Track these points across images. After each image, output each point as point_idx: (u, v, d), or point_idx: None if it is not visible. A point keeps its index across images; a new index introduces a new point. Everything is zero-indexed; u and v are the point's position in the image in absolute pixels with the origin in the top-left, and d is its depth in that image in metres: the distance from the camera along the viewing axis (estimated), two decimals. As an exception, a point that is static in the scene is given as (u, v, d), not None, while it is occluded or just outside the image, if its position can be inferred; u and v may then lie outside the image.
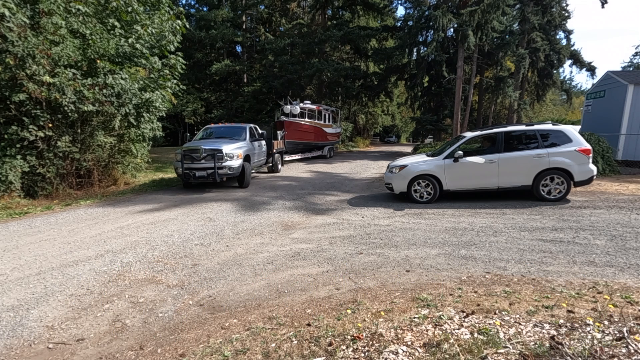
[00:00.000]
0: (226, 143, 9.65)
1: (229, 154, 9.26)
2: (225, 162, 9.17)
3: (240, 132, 11.15)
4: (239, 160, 9.49)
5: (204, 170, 9.14)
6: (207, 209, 7.47)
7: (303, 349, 2.55)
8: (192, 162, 9.17)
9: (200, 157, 9.14)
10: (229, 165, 9.21)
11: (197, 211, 7.25)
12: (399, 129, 62.26)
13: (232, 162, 9.31)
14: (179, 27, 10.29)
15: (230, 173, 9.32)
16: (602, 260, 4.17)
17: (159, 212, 7.24)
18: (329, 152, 21.44)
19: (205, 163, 9.13)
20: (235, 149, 9.55)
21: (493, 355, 2.29)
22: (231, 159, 9.29)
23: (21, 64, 7.15)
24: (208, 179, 9.17)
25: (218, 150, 9.10)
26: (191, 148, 9.25)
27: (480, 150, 7.82)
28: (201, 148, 9.11)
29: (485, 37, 19.45)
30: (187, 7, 33.35)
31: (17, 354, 2.68)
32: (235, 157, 9.38)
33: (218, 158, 9.07)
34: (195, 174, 9.16)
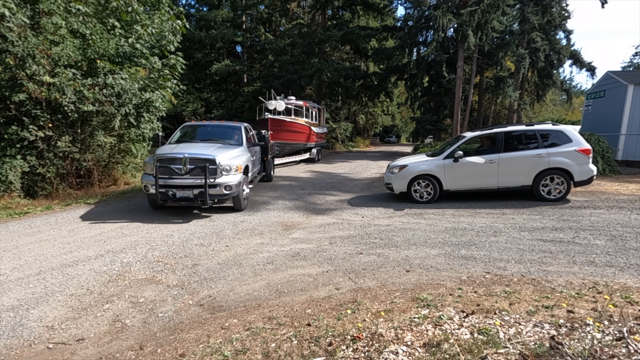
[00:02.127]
0: (220, 150, 6.94)
1: (225, 165, 6.49)
2: (221, 177, 6.41)
3: (233, 133, 8.16)
4: (239, 175, 6.71)
5: (189, 189, 6.33)
6: (207, 208, 7.47)
7: (303, 349, 2.55)
8: (171, 176, 6.40)
9: (183, 170, 6.36)
10: (226, 183, 6.42)
11: (197, 211, 7.25)
12: (399, 129, 62.24)
13: (229, 177, 6.51)
14: (179, 27, 10.28)
15: (227, 193, 6.51)
16: (602, 260, 4.17)
17: (159, 211, 7.24)
18: (317, 155, 18.79)
19: (191, 179, 6.37)
20: (233, 159, 6.81)
21: (493, 355, 2.29)
22: (228, 172, 6.51)
23: (21, 64, 7.15)
24: (194, 202, 6.30)
25: (210, 161, 6.34)
26: (170, 156, 6.48)
27: (480, 150, 7.83)
28: (185, 157, 6.36)
29: (485, 37, 19.45)
30: (187, 7, 33.37)
31: (17, 354, 2.68)
32: (233, 170, 6.61)
33: (210, 172, 6.30)
34: (176, 194, 6.30)
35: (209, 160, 6.38)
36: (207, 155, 6.44)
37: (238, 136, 8.11)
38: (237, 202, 7.08)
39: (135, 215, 6.92)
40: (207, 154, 6.51)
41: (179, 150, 6.64)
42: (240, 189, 6.86)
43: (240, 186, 6.83)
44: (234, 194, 6.70)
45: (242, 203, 7.16)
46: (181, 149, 6.85)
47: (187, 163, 6.41)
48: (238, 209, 7.17)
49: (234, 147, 7.47)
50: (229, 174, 6.57)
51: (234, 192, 6.67)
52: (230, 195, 6.69)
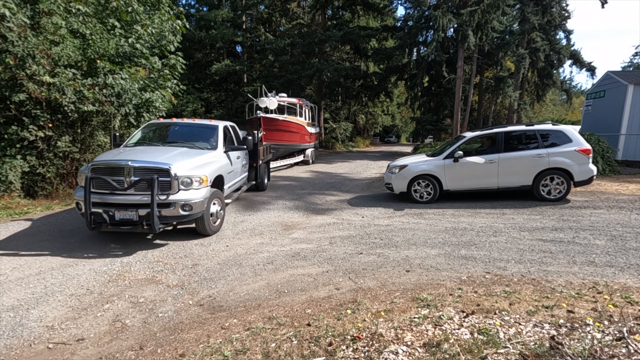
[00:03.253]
0: (181, 156, 5.34)
1: (183, 177, 4.90)
2: (177, 193, 4.83)
3: (207, 134, 6.54)
4: (203, 190, 5.12)
5: (133, 209, 4.72)
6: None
7: (303, 349, 2.55)
8: (111, 192, 4.80)
9: (125, 183, 4.75)
10: (184, 201, 4.82)
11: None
12: (399, 129, 62.25)
13: (189, 193, 4.92)
14: (179, 27, 10.29)
15: (185, 215, 4.89)
16: (602, 260, 4.17)
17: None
18: (312, 157, 17.38)
19: (136, 195, 4.77)
20: (196, 168, 5.20)
21: (493, 355, 2.29)
22: (188, 186, 4.94)
23: (21, 64, 7.15)
24: (138, 226, 4.71)
25: (161, 171, 4.77)
26: (110, 164, 4.88)
27: (480, 150, 7.83)
28: (128, 165, 4.75)
29: (485, 37, 19.45)
30: (187, 7, 33.34)
31: (17, 354, 2.68)
32: (196, 183, 5.02)
33: (162, 186, 4.76)
34: (115, 216, 4.74)
35: (159, 171, 4.74)
36: (158, 164, 4.79)
37: (213, 138, 6.40)
38: (202, 225, 5.28)
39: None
40: (159, 161, 4.85)
41: (123, 157, 4.97)
42: (207, 207, 5.20)
43: (206, 204, 5.16)
44: (195, 215, 4.98)
45: (208, 225, 5.37)
46: (127, 154, 5.19)
47: (132, 174, 4.73)
48: (203, 234, 5.43)
49: (204, 152, 5.82)
50: (189, 189, 4.93)
51: (196, 212, 4.97)
52: (191, 217, 4.97)
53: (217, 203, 5.63)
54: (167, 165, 4.83)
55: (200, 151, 5.88)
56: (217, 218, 5.66)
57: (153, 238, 5.45)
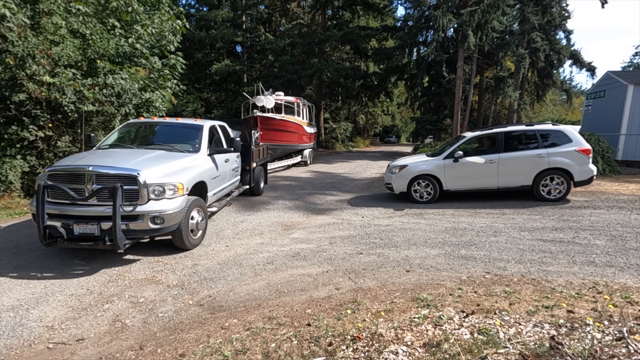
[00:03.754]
0: (154, 160, 4.72)
1: (154, 185, 4.29)
2: (146, 203, 4.23)
3: (189, 135, 5.93)
4: (179, 199, 4.51)
5: (95, 221, 4.11)
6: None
7: (303, 349, 2.55)
8: (72, 202, 4.18)
9: (85, 192, 4.18)
10: (155, 212, 4.23)
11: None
12: (399, 129, 62.27)
13: (161, 203, 4.32)
14: (179, 27, 10.28)
15: (156, 228, 4.29)
16: (602, 261, 4.17)
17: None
18: (309, 158, 16.88)
19: (98, 206, 4.16)
20: (171, 174, 4.57)
21: (493, 355, 2.29)
22: (160, 196, 4.33)
23: (21, 64, 7.15)
24: (100, 242, 4.06)
25: (127, 178, 4.19)
26: (67, 170, 4.32)
27: (480, 150, 7.83)
28: (88, 171, 4.19)
29: (485, 37, 19.46)
30: (187, 7, 33.33)
31: (17, 354, 2.68)
32: (169, 191, 4.40)
33: (128, 195, 4.18)
34: (74, 230, 4.12)
35: (125, 178, 4.16)
36: (124, 170, 4.19)
37: (196, 140, 5.77)
38: (179, 238, 4.65)
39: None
40: (126, 167, 4.26)
41: (85, 162, 4.39)
42: (184, 218, 4.58)
43: (184, 215, 4.55)
44: (169, 228, 4.38)
45: (187, 239, 4.72)
46: (92, 158, 4.60)
47: (94, 181, 4.16)
48: (181, 248, 4.80)
49: (183, 156, 5.20)
50: (161, 198, 4.29)
51: (170, 225, 4.36)
52: (164, 231, 4.38)
53: (198, 213, 4.97)
54: (135, 171, 4.20)
55: (179, 154, 5.27)
56: (197, 230, 5.00)
57: (125, 252, 4.64)
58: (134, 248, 4.89)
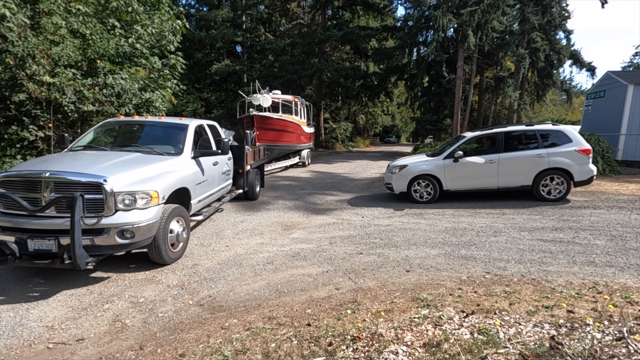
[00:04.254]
0: (123, 165, 4.18)
1: (124, 193, 3.76)
2: (113, 215, 3.69)
3: (173, 136, 5.41)
4: (154, 209, 3.98)
5: (52, 236, 3.56)
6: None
7: (303, 349, 2.55)
8: (26, 213, 3.65)
9: (41, 201, 3.65)
10: (124, 225, 3.71)
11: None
12: (399, 129, 62.29)
13: (132, 214, 3.79)
14: (179, 27, 10.28)
15: (125, 243, 3.77)
16: (602, 261, 4.17)
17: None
18: (308, 158, 16.31)
19: (56, 219, 3.63)
20: (144, 181, 4.02)
21: (493, 355, 2.29)
22: (130, 206, 3.80)
23: (21, 64, 7.15)
24: (58, 260, 3.48)
25: (90, 186, 3.67)
26: (21, 176, 3.79)
27: (480, 150, 7.83)
28: (46, 177, 3.65)
29: (485, 37, 19.46)
30: (187, 7, 33.33)
31: (17, 354, 2.68)
32: (141, 200, 3.87)
33: (91, 205, 3.65)
34: (28, 246, 3.56)
35: (88, 185, 3.62)
36: (87, 176, 3.66)
37: (179, 141, 5.22)
38: (156, 252, 4.15)
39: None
40: (90, 172, 3.73)
41: (43, 167, 3.86)
42: (162, 230, 4.06)
43: (160, 226, 4.05)
44: (141, 242, 3.85)
45: (165, 253, 4.20)
46: (52, 162, 4.16)
47: (52, 189, 3.62)
48: (159, 262, 4.29)
49: (161, 159, 4.63)
50: (131, 208, 3.76)
51: (142, 239, 3.84)
52: (136, 246, 3.85)
53: (179, 223, 4.46)
54: (100, 177, 3.64)
55: (158, 158, 4.68)
56: (178, 242, 4.46)
57: (95, 267, 3.99)
58: (108, 262, 4.35)
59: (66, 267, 3.45)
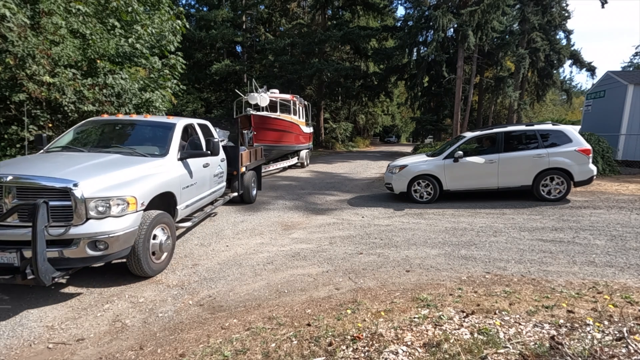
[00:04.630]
0: (97, 168, 3.80)
1: (95, 199, 3.36)
2: (84, 224, 3.29)
3: (158, 136, 5.09)
4: (130, 216, 3.58)
5: (12, 249, 3.15)
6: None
7: (303, 349, 2.55)
8: None
9: (2, 209, 3.29)
10: (97, 235, 3.32)
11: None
12: (399, 129, 62.29)
13: (104, 222, 3.39)
14: (179, 27, 10.28)
15: (98, 255, 3.38)
16: (602, 261, 4.17)
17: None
18: (306, 159, 15.93)
19: (18, 228, 3.26)
20: (119, 185, 3.64)
21: (493, 355, 2.29)
22: (103, 213, 3.40)
23: (21, 64, 7.15)
24: (17, 277, 3.05)
25: (57, 190, 3.28)
26: None
27: (480, 150, 7.83)
28: (6, 182, 3.25)
29: (485, 37, 19.47)
30: (187, 7, 33.34)
31: (17, 354, 2.68)
32: (117, 207, 3.48)
33: (58, 213, 3.28)
34: None
35: (54, 190, 3.26)
36: (53, 181, 3.28)
37: (165, 141, 4.84)
38: (136, 264, 3.75)
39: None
40: (57, 177, 3.34)
41: (5, 170, 3.50)
42: (142, 239, 3.70)
43: (142, 235, 3.70)
44: (117, 253, 3.49)
45: (146, 264, 3.81)
46: (16, 165, 3.84)
47: (14, 195, 3.28)
48: (139, 275, 3.90)
49: (143, 161, 4.27)
50: (104, 216, 3.37)
51: (119, 250, 3.47)
52: (112, 257, 3.48)
53: (163, 231, 4.10)
54: (69, 182, 3.25)
55: (139, 159, 4.31)
56: (162, 252, 4.08)
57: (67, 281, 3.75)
58: (84, 275, 3.95)
59: (29, 282, 3.05)
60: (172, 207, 4.51)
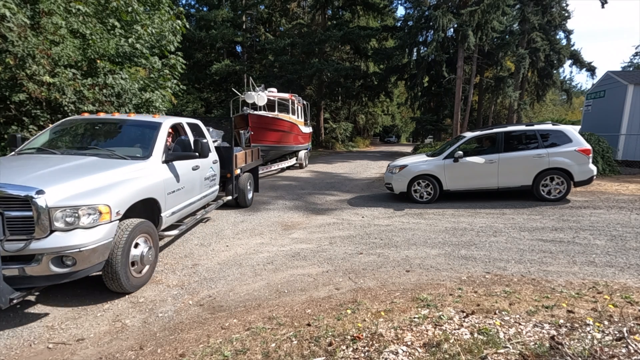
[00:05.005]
0: (65, 173, 3.39)
1: (61, 208, 2.97)
2: (47, 237, 2.92)
3: (141, 136, 4.74)
4: (103, 227, 3.18)
5: None
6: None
7: (303, 349, 2.55)
8: None
9: None
10: (63, 249, 2.93)
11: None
12: (399, 129, 62.29)
13: (72, 235, 2.99)
14: (179, 27, 10.29)
15: (66, 272, 2.99)
16: (602, 261, 4.17)
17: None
18: (305, 160, 15.61)
19: None
20: (90, 192, 3.22)
21: (493, 355, 2.29)
22: (71, 224, 3.00)
23: (21, 64, 7.15)
24: None
25: (15, 199, 2.90)
26: None
27: (480, 150, 7.83)
28: None
29: (485, 37, 19.48)
30: (187, 7, 33.34)
31: (17, 354, 2.68)
32: (85, 216, 3.06)
33: (18, 226, 2.92)
34: None
35: (11, 199, 2.91)
36: (11, 188, 2.93)
37: (148, 142, 4.46)
38: (113, 279, 3.36)
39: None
40: (16, 183, 2.99)
41: None
42: (120, 252, 3.31)
43: (120, 247, 3.32)
44: (88, 269, 3.11)
45: (124, 279, 3.41)
46: None
47: None
48: (117, 291, 3.52)
49: (122, 165, 3.88)
50: (71, 228, 3.00)
51: (89, 266, 3.10)
52: (82, 274, 3.08)
53: (145, 242, 3.74)
54: (30, 189, 2.90)
55: (117, 162, 3.91)
56: (143, 264, 3.69)
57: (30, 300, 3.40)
58: (54, 292, 3.53)
59: None
60: (155, 215, 4.16)
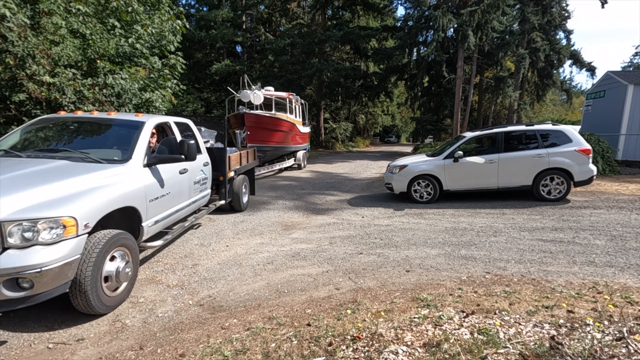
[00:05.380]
0: (25, 180, 2.89)
1: (15, 222, 2.51)
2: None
3: (120, 137, 4.28)
4: (69, 242, 2.70)
5: None
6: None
7: (303, 349, 2.55)
8: None
9: None
10: (16, 270, 2.46)
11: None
12: (399, 129, 62.29)
13: (30, 253, 2.53)
14: (179, 27, 10.29)
15: (22, 296, 2.54)
16: (602, 261, 4.17)
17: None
18: (303, 160, 15.28)
19: None
20: (52, 202, 2.73)
21: (493, 355, 2.29)
22: (28, 240, 2.54)
23: (21, 64, 7.15)
24: None
25: None
26: None
27: (480, 150, 7.83)
28: None
29: (485, 37, 19.48)
30: (187, 7, 33.33)
31: (17, 354, 2.68)
32: (46, 230, 2.59)
33: None
34: None
35: None
36: None
37: (128, 143, 3.99)
38: (83, 299, 2.91)
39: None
40: None
41: None
42: (89, 270, 2.88)
43: (89, 264, 2.88)
44: (50, 292, 2.69)
45: (96, 300, 2.97)
46: None
47: None
48: (87, 312, 3.07)
49: (96, 169, 3.41)
50: (29, 244, 2.58)
51: (51, 288, 2.68)
52: (43, 298, 2.67)
53: (121, 257, 3.29)
54: None
55: (89, 167, 3.44)
56: (119, 282, 3.27)
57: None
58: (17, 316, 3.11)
59: None
60: (135, 225, 3.72)
